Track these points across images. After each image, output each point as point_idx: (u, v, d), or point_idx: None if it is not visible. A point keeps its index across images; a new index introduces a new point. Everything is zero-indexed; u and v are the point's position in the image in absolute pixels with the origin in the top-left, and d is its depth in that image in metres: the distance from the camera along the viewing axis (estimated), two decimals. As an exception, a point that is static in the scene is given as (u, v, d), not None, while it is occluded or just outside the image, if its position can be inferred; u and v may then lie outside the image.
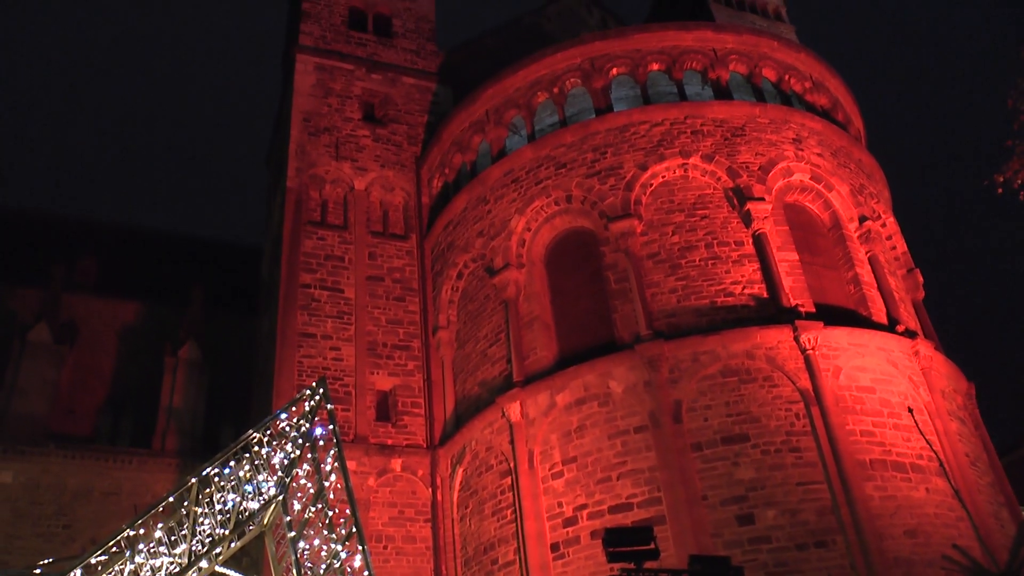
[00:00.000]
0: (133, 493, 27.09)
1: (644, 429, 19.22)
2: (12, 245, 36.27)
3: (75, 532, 26.20)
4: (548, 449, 20.57)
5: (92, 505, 27.09)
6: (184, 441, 29.15)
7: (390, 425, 24.72)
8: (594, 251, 22.72)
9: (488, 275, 24.30)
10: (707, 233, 21.76)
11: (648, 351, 19.77)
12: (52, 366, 29.81)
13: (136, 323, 34.62)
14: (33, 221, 39.57)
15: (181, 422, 29.58)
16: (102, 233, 39.37)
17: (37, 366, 29.29)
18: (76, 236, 37.41)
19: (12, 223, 38.63)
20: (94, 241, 37.09)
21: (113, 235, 39.87)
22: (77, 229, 39.07)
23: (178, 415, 29.70)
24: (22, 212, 40.79)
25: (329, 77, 30.36)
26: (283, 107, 32.31)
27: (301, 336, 25.08)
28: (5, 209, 40.57)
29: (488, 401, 22.47)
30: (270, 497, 12.35)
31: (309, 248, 26.67)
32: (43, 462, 27.22)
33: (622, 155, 23.22)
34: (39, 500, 26.72)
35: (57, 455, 27.45)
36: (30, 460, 27.06)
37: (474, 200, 25.83)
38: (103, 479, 27.56)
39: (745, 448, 18.36)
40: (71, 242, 36.20)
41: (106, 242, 37.89)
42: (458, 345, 25.22)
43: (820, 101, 26.26)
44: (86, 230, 39.05)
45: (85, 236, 37.56)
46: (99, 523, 25.55)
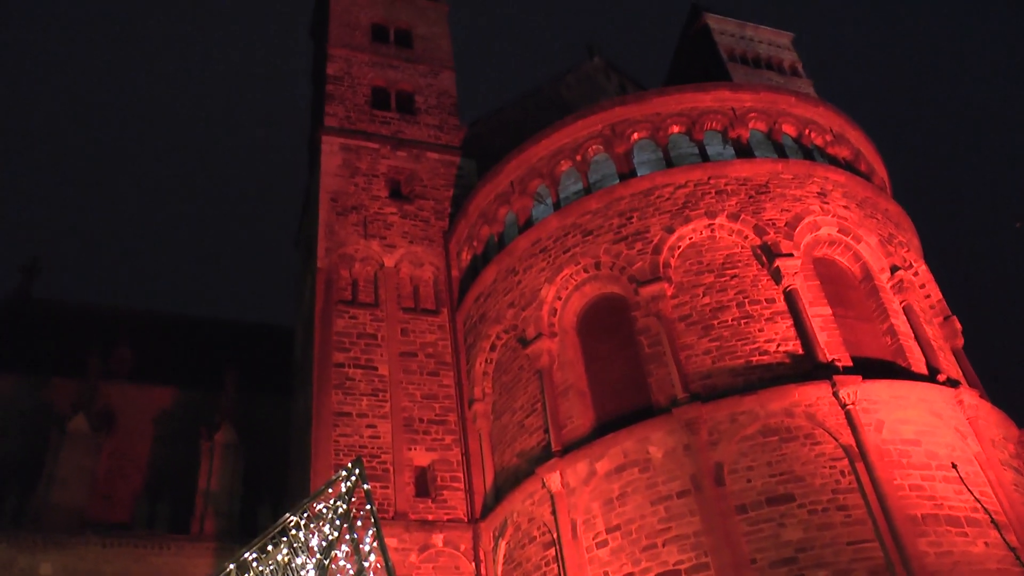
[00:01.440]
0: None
1: (687, 493, 18.94)
2: (49, 337, 36.87)
3: (112, 623, 26.09)
4: (591, 518, 20.32)
5: (130, 594, 27.01)
6: (222, 524, 29.05)
7: (430, 500, 24.55)
8: (625, 316, 22.67)
9: (521, 346, 24.29)
10: (738, 292, 21.68)
11: (686, 414, 19.58)
12: (89, 455, 29.95)
13: (171, 408, 34.89)
14: (68, 312, 40.28)
15: (218, 505, 29.52)
16: (136, 321, 39.93)
17: (75, 455, 29.44)
18: (111, 325, 37.93)
19: (48, 315, 39.36)
20: (128, 329, 37.58)
21: (147, 323, 40.44)
22: (111, 318, 39.65)
23: (215, 498, 29.66)
24: (58, 304, 41.56)
25: (355, 156, 30.86)
26: (311, 188, 32.82)
27: (336, 415, 25.09)
28: (41, 301, 41.38)
29: (527, 472, 22.30)
30: (309, 581, 12.20)
31: (341, 327, 26.82)
32: (81, 551, 27.16)
33: (648, 219, 23.31)
34: (77, 590, 26.66)
35: (95, 543, 27.41)
36: (68, 550, 27.03)
37: (503, 271, 25.95)
38: (141, 566, 27.45)
39: (791, 508, 18.01)
40: (106, 331, 36.67)
41: (140, 330, 38.39)
42: (494, 417, 25.12)
43: (842, 153, 26.31)
44: (120, 319, 39.61)
45: (119, 325, 38.07)
46: (136, 613, 25.45)
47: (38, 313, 39.73)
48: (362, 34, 35.64)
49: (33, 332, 37.60)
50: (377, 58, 34.87)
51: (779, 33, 46.24)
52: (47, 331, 37.56)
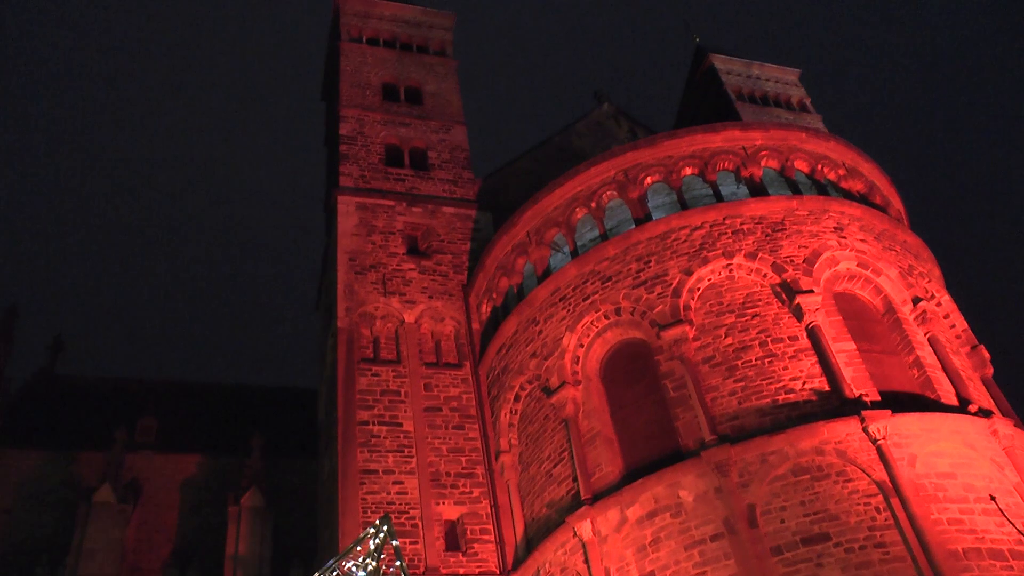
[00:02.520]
0: (204, 646, 26.86)
1: (720, 537, 18.68)
2: (74, 412, 37.17)
3: None
4: (624, 565, 20.06)
5: (164, 664, 26.90)
6: (251, 587, 28.95)
7: (460, 554, 24.35)
8: (649, 361, 22.58)
9: (545, 395, 24.21)
10: (760, 331, 21.59)
11: (715, 457, 19.40)
12: (117, 526, 30.00)
13: (198, 475, 34.95)
14: (92, 387, 40.66)
15: (248, 570, 29.37)
16: (160, 391, 40.25)
17: (103, 527, 29.49)
18: (135, 397, 38.25)
19: (73, 390, 39.74)
20: (153, 400, 37.87)
21: (170, 392, 40.73)
22: (136, 390, 40.00)
23: (244, 563, 29.53)
24: (82, 379, 41.97)
25: (371, 215, 31.08)
26: (328, 250, 33.05)
27: (363, 473, 25.01)
28: (65, 378, 41.79)
29: (558, 522, 22.10)
30: (343, 640, 12.10)
31: (364, 385, 26.84)
32: (112, 624, 27.16)
33: (666, 262, 23.33)
34: (110, 664, 26.56)
35: (125, 614, 27.42)
36: (99, 622, 27.03)
37: (524, 322, 25.97)
38: (173, 634, 27.40)
39: (827, 548, 17.70)
40: (131, 403, 36.99)
41: (164, 400, 38.66)
42: (522, 468, 24.97)
43: (856, 187, 26.31)
44: (144, 390, 39.95)
45: (144, 396, 38.38)
46: None
47: (63, 389, 40.15)
48: (373, 93, 36.09)
49: (59, 408, 37.94)
50: (389, 116, 35.26)
51: (785, 70, 46.56)
52: (72, 406, 37.90)
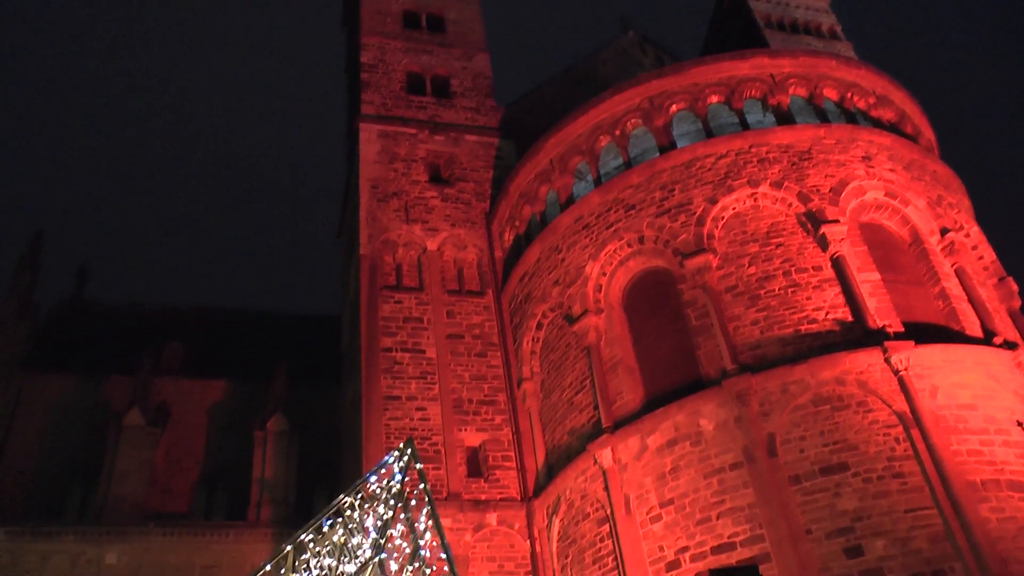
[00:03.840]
0: (232, 565, 27.52)
1: (739, 465, 18.82)
2: (102, 337, 37.66)
3: (180, 607, 26.77)
4: (644, 493, 20.28)
5: (193, 579, 27.67)
6: (278, 511, 29.56)
7: (482, 480, 24.69)
8: (672, 290, 22.52)
9: (567, 323, 24.27)
10: (784, 261, 21.44)
11: (736, 386, 19.45)
12: (147, 448, 30.64)
13: (224, 400, 35.50)
14: (120, 313, 41.13)
15: (274, 493, 30.01)
16: (185, 318, 40.69)
17: (133, 450, 30.13)
18: (161, 323, 38.68)
19: (100, 316, 40.23)
20: (179, 326, 38.29)
21: (196, 319, 41.14)
22: (162, 316, 40.47)
23: (270, 486, 30.15)
24: (109, 305, 42.41)
25: (393, 143, 30.94)
26: (351, 178, 32.99)
27: (386, 399, 25.29)
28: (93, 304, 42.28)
29: (579, 449, 22.32)
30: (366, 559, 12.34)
31: (387, 312, 26.99)
32: (144, 541, 27.93)
33: (690, 191, 23.11)
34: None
35: (157, 533, 28.14)
36: (132, 540, 27.79)
37: (547, 250, 25.92)
38: (202, 553, 28.11)
39: (846, 477, 17.81)
40: (157, 329, 37.40)
41: (190, 326, 39.07)
42: (544, 395, 25.15)
43: (886, 116, 25.83)
44: (170, 316, 40.42)
45: (170, 322, 38.83)
46: (200, 597, 26.07)
47: (91, 315, 40.68)
48: (394, 21, 35.60)
49: (87, 333, 38.43)
50: (410, 44, 34.84)
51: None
52: (100, 332, 38.41)
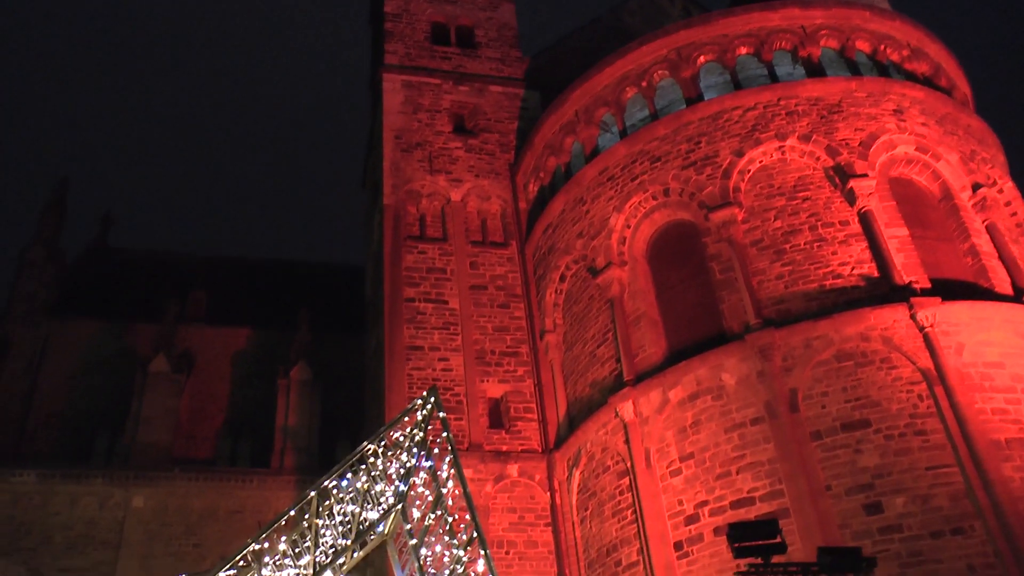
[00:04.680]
0: (256, 511, 27.96)
1: (761, 420, 18.78)
2: (127, 284, 37.99)
3: (205, 550, 27.21)
4: (664, 447, 20.32)
5: (218, 524, 28.12)
6: (301, 459, 29.92)
7: (504, 431, 24.82)
8: (696, 243, 22.35)
9: (591, 275, 24.19)
10: (810, 215, 21.18)
11: (759, 340, 19.34)
12: (172, 395, 31.01)
13: (248, 348, 35.79)
14: (144, 260, 41.44)
15: (297, 441, 30.34)
16: (209, 266, 40.90)
17: (158, 396, 30.51)
18: (185, 270, 38.91)
19: (125, 263, 40.54)
20: (203, 274, 38.50)
21: (220, 267, 41.37)
22: (186, 264, 40.72)
23: (293, 434, 30.48)
24: (133, 252, 42.73)
25: (417, 93, 30.72)
26: (374, 127, 32.84)
27: (409, 349, 25.40)
28: (118, 250, 42.61)
29: (600, 402, 22.35)
30: (389, 506, 12.46)
31: (410, 262, 27.01)
32: (170, 486, 28.42)
33: (717, 143, 22.82)
34: (169, 522, 27.92)
35: (182, 479, 28.62)
36: (158, 485, 28.29)
37: (571, 202, 25.76)
38: (227, 499, 28.57)
39: (867, 434, 17.73)
40: (181, 276, 37.66)
41: (214, 274, 39.29)
42: (566, 348, 25.15)
43: (920, 68, 25.28)
44: (194, 264, 40.65)
45: (194, 270, 39.04)
46: (226, 541, 26.43)
47: (116, 262, 40.96)
48: (418, -30, 35.16)
49: (112, 280, 38.75)
50: (435, -7, 34.42)
51: (851, -55, 44.31)
52: (125, 278, 38.73)
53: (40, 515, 27.28)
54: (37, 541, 26.92)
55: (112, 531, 27.40)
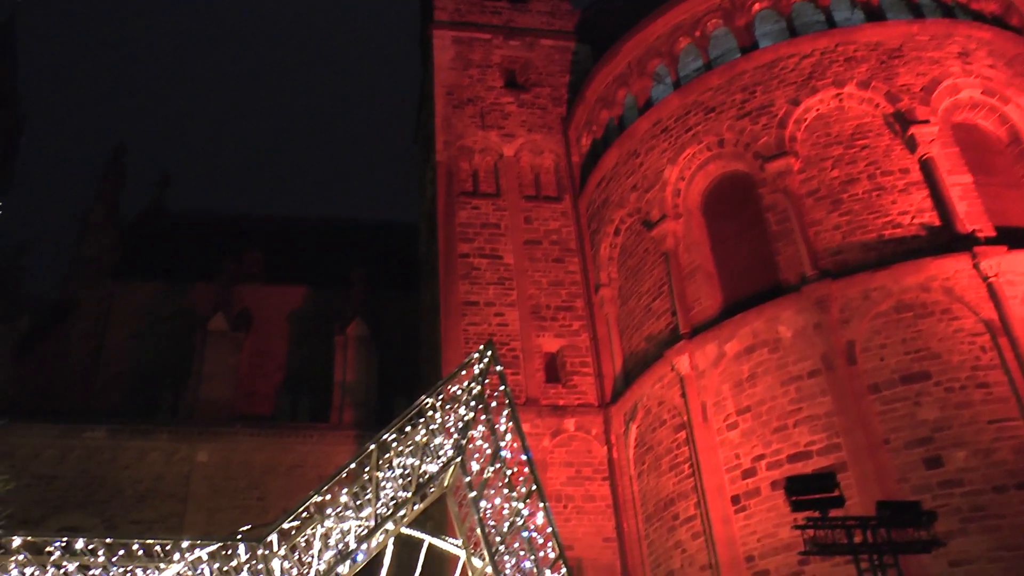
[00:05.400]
0: (316, 465, 28.43)
1: (817, 373, 18.56)
2: (184, 245, 38.64)
3: (268, 503, 27.82)
4: (721, 400, 20.22)
5: (280, 478, 28.71)
6: (359, 414, 30.34)
7: (560, 386, 24.89)
8: (751, 194, 22.01)
9: (645, 228, 24.01)
10: (869, 164, 20.67)
11: (815, 292, 19.06)
12: (231, 352, 31.60)
13: (304, 307, 36.25)
14: (201, 221, 42.06)
15: (355, 396, 30.76)
16: (265, 225, 41.42)
17: (218, 353, 31.12)
18: (241, 230, 39.40)
19: (182, 225, 41.24)
20: (258, 233, 39.00)
21: (275, 226, 41.86)
22: (241, 224, 41.22)
23: (352, 390, 30.90)
24: (190, 214, 43.41)
25: (467, 49, 30.52)
26: (425, 84, 32.77)
27: (464, 305, 25.53)
28: (175, 213, 43.33)
29: (656, 356, 22.27)
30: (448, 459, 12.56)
31: (464, 218, 27.06)
32: (233, 441, 29.10)
33: (772, 92, 22.34)
34: (233, 476, 28.62)
35: (244, 434, 29.27)
36: (221, 440, 28.99)
37: (624, 155, 25.51)
38: (288, 454, 29.16)
39: (927, 387, 17.43)
40: (237, 237, 38.15)
41: (269, 233, 39.77)
42: (621, 301, 25.06)
43: (988, 8, 24.29)
44: (250, 224, 41.16)
45: (250, 230, 39.54)
46: (288, 494, 26.83)
47: (173, 223, 41.72)
48: (466, -76, 34.71)
49: (170, 241, 39.46)
50: (484, -52, 33.97)
51: None
52: (183, 239, 39.41)
53: (111, 469, 28.20)
54: (109, 494, 27.86)
55: (179, 485, 28.22)
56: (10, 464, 23.32)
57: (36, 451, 27.93)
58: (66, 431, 28.45)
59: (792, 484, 14.02)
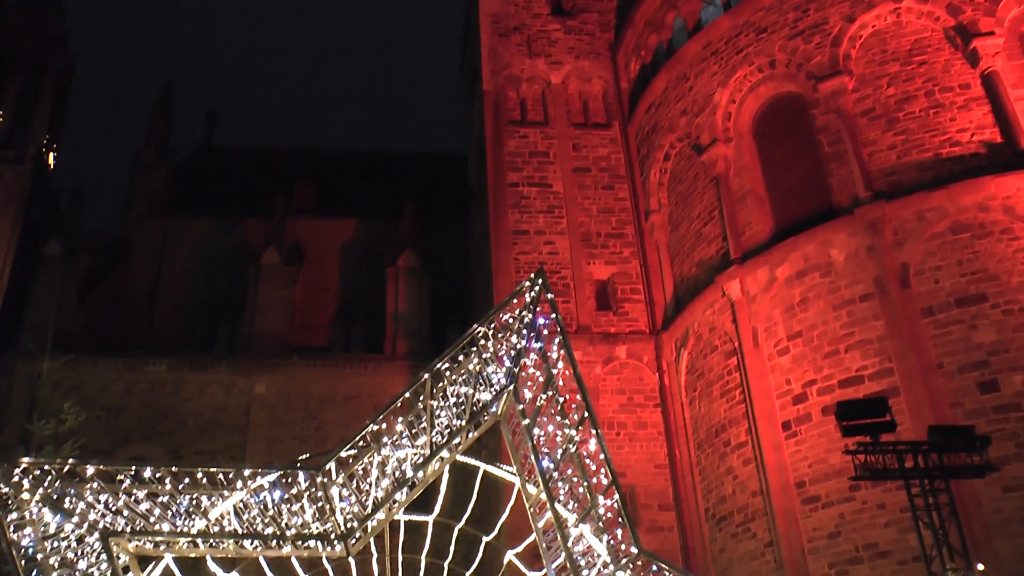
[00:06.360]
0: (371, 395, 28.99)
1: (870, 297, 18.26)
2: (235, 180, 39.07)
3: (325, 434, 28.54)
4: (771, 325, 20.04)
5: (337, 408, 29.43)
6: (412, 344, 30.75)
7: (611, 313, 24.88)
8: (804, 116, 21.47)
9: (696, 153, 23.64)
10: (927, 80, 19.95)
11: (868, 214, 18.66)
12: (285, 286, 32.21)
13: (355, 239, 36.58)
14: (250, 156, 42.43)
15: (408, 327, 31.14)
16: (313, 159, 41.68)
17: (272, 287, 31.75)
18: (290, 165, 39.74)
19: (232, 161, 41.62)
20: (308, 167, 39.29)
21: (324, 159, 42.10)
22: (290, 158, 41.49)
23: (404, 320, 31.28)
24: (239, 149, 43.74)
25: (512, -24, 29.95)
26: (470, 13, 32.33)
27: (514, 234, 25.52)
28: (224, 148, 43.70)
29: (707, 281, 22.11)
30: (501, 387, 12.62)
31: (512, 147, 26.89)
32: (289, 373, 29.84)
33: (826, 9, 21.60)
34: (290, 407, 29.44)
35: (300, 366, 29.97)
36: (278, 372, 29.73)
37: (674, 79, 25.02)
38: (343, 385, 29.77)
39: (983, 309, 17.02)
40: (287, 171, 38.48)
41: (318, 167, 40.01)
42: (671, 227, 24.84)
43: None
44: (299, 158, 41.47)
45: (299, 164, 39.86)
46: (344, 425, 27.50)
47: (223, 159, 42.17)
48: None
49: (221, 177, 39.94)
50: None
51: None
52: (233, 175, 39.86)
53: (173, 402, 29.14)
54: (173, 426, 28.83)
55: (239, 416, 29.06)
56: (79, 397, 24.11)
57: (103, 385, 28.94)
58: (129, 365, 29.39)
59: (843, 409, 13.97)
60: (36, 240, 33.13)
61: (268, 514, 10.34)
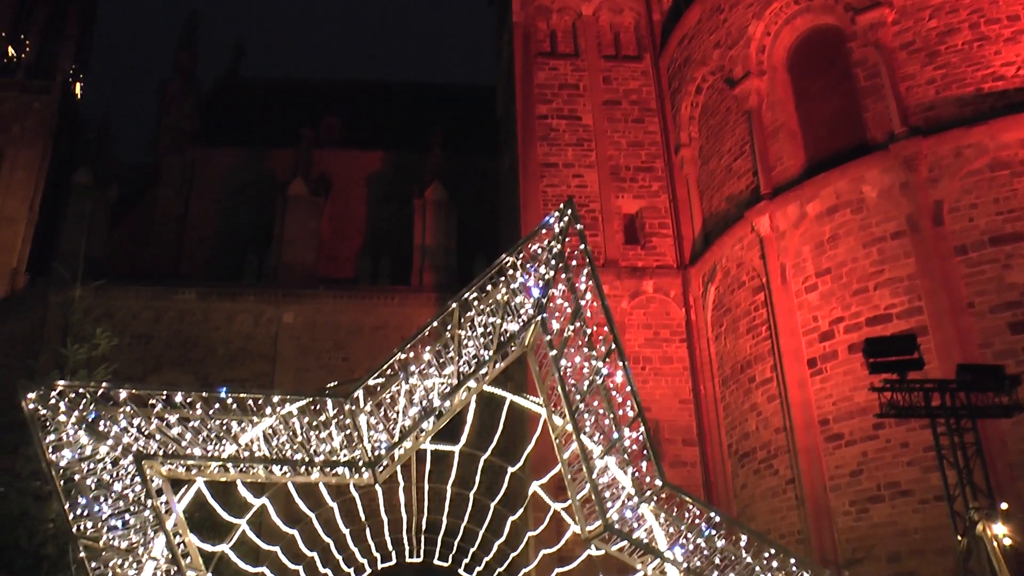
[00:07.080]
0: (399, 327, 29.17)
1: (902, 234, 18.04)
2: (261, 112, 38.98)
3: (352, 364, 28.75)
4: (800, 262, 19.88)
5: (364, 339, 29.66)
6: (439, 276, 30.84)
7: (639, 247, 24.77)
8: (840, 49, 20.97)
9: (728, 86, 23.24)
10: (971, 12, 19.29)
11: (904, 150, 18.31)
12: (312, 217, 32.28)
13: (382, 171, 36.52)
14: (277, 88, 42.28)
15: (435, 259, 31.20)
16: (340, 90, 41.39)
17: (299, 218, 31.82)
18: (317, 96, 39.52)
19: (258, 91, 41.48)
20: (335, 99, 39.07)
21: (351, 91, 41.80)
22: (317, 90, 41.25)
23: (431, 253, 31.33)
24: (266, 80, 43.56)
25: (542, -97, 29.21)
26: (501, -58, 31.72)
27: (543, 166, 25.34)
28: (250, 79, 43.52)
29: (736, 216, 21.92)
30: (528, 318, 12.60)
31: (542, 79, 26.54)
32: (316, 303, 30.08)
33: (868, -63, 20.95)
34: (318, 337, 29.72)
35: (327, 296, 30.17)
36: (305, 302, 29.95)
37: (708, 10, 24.50)
38: (370, 316, 29.98)
39: (1019, 248, 16.75)
40: (314, 102, 38.31)
41: (346, 98, 39.78)
42: (702, 162, 24.56)
43: None
44: (326, 90, 41.22)
45: (325, 95, 39.64)
46: (371, 355, 27.60)
47: (249, 90, 42.06)
48: None
49: (247, 108, 39.86)
50: None
51: None
52: (259, 107, 39.76)
53: (203, 330, 29.48)
54: (203, 353, 29.20)
55: (267, 345, 29.39)
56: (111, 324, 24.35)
57: (133, 312, 29.30)
58: (159, 293, 29.71)
59: (871, 346, 13.87)
60: (66, 170, 33.31)
61: (297, 440, 10.47)
